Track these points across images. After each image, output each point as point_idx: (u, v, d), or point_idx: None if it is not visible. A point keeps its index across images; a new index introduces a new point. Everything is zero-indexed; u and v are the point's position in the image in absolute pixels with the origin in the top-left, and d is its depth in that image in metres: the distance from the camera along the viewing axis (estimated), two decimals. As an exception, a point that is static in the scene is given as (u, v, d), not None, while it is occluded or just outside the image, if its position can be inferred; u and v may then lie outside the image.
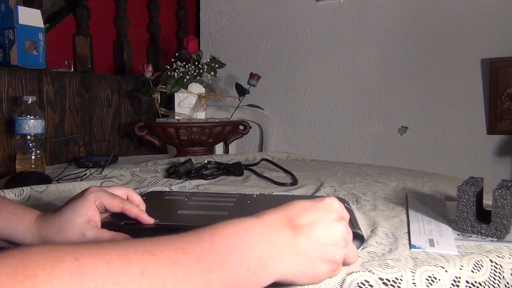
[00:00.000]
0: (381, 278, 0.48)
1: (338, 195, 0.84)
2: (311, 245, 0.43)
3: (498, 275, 0.52)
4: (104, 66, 1.95)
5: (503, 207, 0.58)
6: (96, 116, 1.70)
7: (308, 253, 0.42)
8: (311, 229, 0.43)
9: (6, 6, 1.41)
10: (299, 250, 0.42)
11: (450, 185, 0.95)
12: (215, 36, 2.23)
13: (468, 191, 0.60)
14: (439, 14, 1.75)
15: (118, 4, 1.96)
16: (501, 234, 0.59)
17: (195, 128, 1.52)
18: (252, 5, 2.12)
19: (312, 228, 0.43)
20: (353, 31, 1.92)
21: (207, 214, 0.64)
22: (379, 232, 0.61)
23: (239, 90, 1.70)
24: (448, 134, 1.76)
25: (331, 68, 1.97)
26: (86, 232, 0.53)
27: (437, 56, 1.76)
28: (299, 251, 0.42)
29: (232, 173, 1.09)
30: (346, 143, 1.96)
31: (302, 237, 0.42)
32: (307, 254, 0.42)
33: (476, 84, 1.70)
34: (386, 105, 1.87)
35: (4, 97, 1.37)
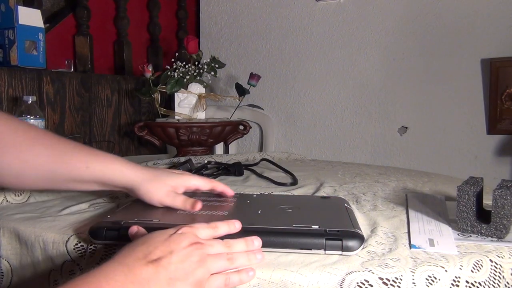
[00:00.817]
0: (381, 277, 0.48)
1: (338, 195, 0.84)
2: (172, 274, 0.45)
3: (498, 275, 0.52)
4: (104, 66, 1.95)
5: (503, 207, 0.58)
6: (96, 116, 1.70)
7: (172, 282, 0.45)
8: (168, 260, 0.46)
9: (6, 6, 1.41)
10: (163, 282, 0.45)
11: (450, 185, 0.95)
12: (215, 36, 2.23)
13: (468, 191, 0.60)
14: (439, 14, 1.75)
15: (118, 4, 1.96)
16: (501, 234, 0.59)
17: (195, 128, 1.52)
18: (252, 5, 2.12)
19: (169, 259, 0.46)
20: (353, 31, 1.92)
21: (207, 214, 0.64)
22: (379, 232, 0.61)
23: (239, 90, 1.70)
24: (448, 134, 1.76)
25: (331, 68, 1.97)
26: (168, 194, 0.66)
27: (437, 56, 1.76)
28: (163, 282, 0.45)
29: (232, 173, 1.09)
30: (346, 143, 1.96)
31: (162, 269, 0.45)
32: (172, 284, 0.45)
33: (476, 84, 1.70)
34: (386, 105, 1.87)
35: (4, 97, 1.37)
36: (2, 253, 0.65)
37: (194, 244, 0.48)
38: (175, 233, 0.49)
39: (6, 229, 0.66)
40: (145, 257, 0.45)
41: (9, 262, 0.65)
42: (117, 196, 0.82)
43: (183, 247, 0.48)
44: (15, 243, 0.65)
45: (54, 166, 0.62)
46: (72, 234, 0.61)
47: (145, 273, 0.44)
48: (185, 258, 0.47)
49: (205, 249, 0.49)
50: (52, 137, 0.64)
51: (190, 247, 0.48)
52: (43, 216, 0.70)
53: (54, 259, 0.61)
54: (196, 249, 0.48)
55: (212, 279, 0.48)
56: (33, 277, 0.63)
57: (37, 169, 0.61)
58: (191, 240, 0.49)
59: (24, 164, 0.61)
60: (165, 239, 0.48)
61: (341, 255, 0.53)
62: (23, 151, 0.60)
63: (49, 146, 0.62)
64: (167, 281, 0.45)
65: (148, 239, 0.48)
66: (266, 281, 0.49)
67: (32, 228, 0.64)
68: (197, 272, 0.47)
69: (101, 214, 0.71)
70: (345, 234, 0.54)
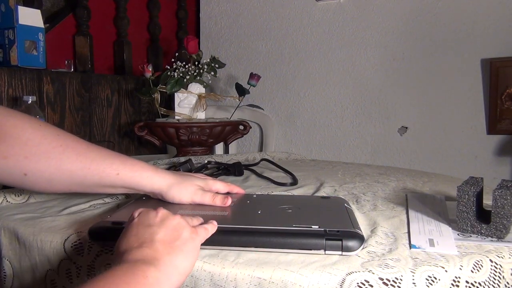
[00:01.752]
0: (381, 278, 0.48)
1: (338, 195, 0.84)
2: (161, 248, 0.48)
3: (498, 275, 0.52)
4: (104, 66, 1.95)
5: (503, 207, 0.58)
6: (96, 116, 1.70)
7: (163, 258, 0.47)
8: (150, 238, 0.48)
9: (6, 6, 1.41)
10: (166, 267, 0.46)
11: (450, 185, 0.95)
12: (215, 36, 2.23)
13: (468, 191, 0.60)
14: (439, 14, 1.75)
15: (118, 4, 1.96)
16: (501, 234, 0.59)
17: (195, 128, 1.52)
18: (252, 5, 2.12)
19: (144, 237, 0.49)
20: (353, 31, 1.92)
21: (207, 214, 0.64)
22: (379, 232, 0.61)
23: (239, 90, 1.70)
24: (448, 134, 1.76)
25: (331, 68, 1.97)
26: (197, 192, 0.69)
27: (437, 56, 1.76)
28: (165, 267, 0.46)
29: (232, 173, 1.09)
30: (346, 143, 1.96)
31: (149, 251, 0.47)
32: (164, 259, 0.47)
33: (476, 84, 1.70)
34: (386, 105, 1.87)
35: (4, 97, 1.37)
36: (4, 253, 0.65)
37: (159, 210, 0.53)
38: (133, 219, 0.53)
39: (6, 229, 0.66)
40: (128, 255, 0.47)
41: (11, 263, 0.65)
42: (117, 196, 0.82)
43: (143, 221, 0.51)
44: (15, 243, 0.65)
45: (86, 173, 0.64)
46: (72, 234, 0.61)
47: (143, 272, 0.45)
48: (147, 222, 0.51)
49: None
50: (82, 143, 0.66)
51: (146, 213, 0.53)
52: (43, 216, 0.70)
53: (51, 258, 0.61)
54: (149, 213, 0.53)
55: (198, 230, 0.53)
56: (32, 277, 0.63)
57: (69, 175, 0.63)
58: (146, 212, 0.53)
59: (56, 171, 0.62)
60: (129, 228, 0.51)
61: (341, 255, 0.53)
62: (55, 158, 0.62)
63: (81, 153, 0.64)
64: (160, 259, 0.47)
65: (120, 241, 0.50)
66: (266, 281, 0.49)
67: (32, 228, 0.64)
68: (182, 233, 0.51)
69: (101, 214, 0.71)
70: (345, 234, 0.54)
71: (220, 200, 0.69)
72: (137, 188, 0.68)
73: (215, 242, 0.55)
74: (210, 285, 0.51)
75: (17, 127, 0.60)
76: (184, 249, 0.49)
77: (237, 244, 0.54)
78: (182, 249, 0.49)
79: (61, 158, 0.62)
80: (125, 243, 0.49)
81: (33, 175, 0.61)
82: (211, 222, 0.57)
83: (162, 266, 0.46)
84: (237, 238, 0.55)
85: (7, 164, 0.59)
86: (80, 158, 0.63)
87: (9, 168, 0.60)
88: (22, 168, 0.60)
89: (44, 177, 0.62)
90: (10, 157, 0.59)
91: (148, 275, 0.44)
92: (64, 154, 0.62)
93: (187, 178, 0.72)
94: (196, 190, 0.70)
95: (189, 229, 0.51)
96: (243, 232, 0.55)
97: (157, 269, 0.45)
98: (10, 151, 0.59)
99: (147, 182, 0.68)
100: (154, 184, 0.68)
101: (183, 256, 0.48)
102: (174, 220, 0.51)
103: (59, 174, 0.62)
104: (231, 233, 0.55)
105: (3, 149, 0.59)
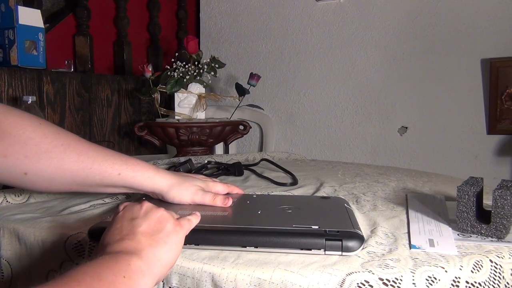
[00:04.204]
0: (381, 278, 0.48)
1: (338, 195, 0.84)
2: (144, 240, 0.47)
3: (498, 275, 0.52)
4: (104, 66, 1.95)
5: (503, 207, 0.58)
6: (96, 116, 1.70)
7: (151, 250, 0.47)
8: (132, 231, 0.48)
9: (6, 6, 1.41)
10: (148, 258, 0.46)
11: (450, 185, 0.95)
12: (215, 36, 2.23)
13: (468, 191, 0.60)
14: (439, 14, 1.75)
15: (118, 4, 1.96)
16: (501, 234, 0.59)
17: (195, 128, 1.52)
18: (252, 5, 2.12)
19: (127, 230, 0.49)
20: (353, 31, 1.92)
21: (207, 214, 0.64)
22: (379, 232, 0.61)
23: (239, 90, 1.70)
24: (448, 134, 1.76)
25: (331, 68, 1.97)
26: (197, 192, 0.69)
27: (437, 56, 1.76)
28: (148, 258, 0.46)
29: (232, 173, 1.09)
30: (346, 143, 1.96)
31: (131, 243, 0.47)
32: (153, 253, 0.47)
33: (476, 84, 1.70)
34: (386, 105, 1.87)
35: (4, 97, 1.37)
36: (3, 254, 0.65)
37: (143, 203, 0.53)
38: (118, 213, 0.53)
39: (6, 229, 0.66)
40: (111, 250, 0.47)
41: (9, 263, 0.65)
42: (117, 196, 0.82)
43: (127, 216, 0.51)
44: (15, 243, 0.65)
45: (87, 172, 0.63)
46: (72, 234, 0.61)
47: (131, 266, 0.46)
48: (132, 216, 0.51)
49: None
50: (83, 142, 0.65)
51: (130, 208, 0.52)
52: (43, 216, 0.70)
53: (52, 259, 0.61)
54: (134, 207, 0.52)
55: (182, 222, 0.53)
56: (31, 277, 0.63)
57: (70, 175, 0.63)
58: (130, 207, 0.53)
59: (57, 170, 0.62)
60: (113, 223, 0.51)
61: (341, 255, 0.53)
62: (56, 158, 0.61)
63: (82, 152, 0.63)
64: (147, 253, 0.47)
65: (105, 234, 0.50)
66: (266, 281, 0.49)
67: (32, 228, 0.64)
68: (146, 223, 0.50)
69: (101, 214, 0.71)
70: (345, 235, 0.54)
71: (220, 201, 0.69)
72: (138, 188, 0.68)
73: (216, 241, 0.55)
74: (212, 285, 0.51)
75: (17, 125, 0.60)
76: (167, 241, 0.49)
77: (238, 244, 0.54)
78: (166, 241, 0.49)
79: (62, 157, 0.62)
80: (109, 236, 0.49)
81: (34, 174, 0.61)
82: (194, 213, 0.57)
83: (144, 256, 0.46)
84: (237, 238, 0.54)
85: (7, 163, 0.59)
86: (82, 157, 0.63)
87: (9, 167, 0.59)
88: (22, 167, 0.60)
89: (44, 177, 0.62)
90: (10, 156, 0.59)
91: (131, 263, 0.44)
92: (65, 154, 0.62)
93: (188, 179, 0.72)
94: (196, 190, 0.70)
95: (173, 221, 0.51)
96: (243, 232, 0.55)
97: (139, 259, 0.45)
98: (10, 150, 0.59)
99: (148, 182, 0.68)
100: (155, 185, 0.68)
101: (166, 248, 0.48)
102: (157, 213, 0.51)
103: (60, 174, 0.62)
104: (232, 233, 0.55)
105: (3, 147, 0.59)
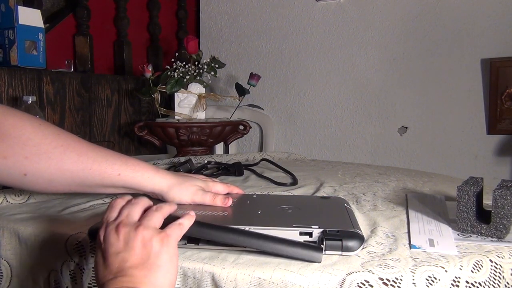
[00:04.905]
0: (381, 278, 0.48)
1: (338, 195, 0.84)
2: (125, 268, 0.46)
3: (498, 275, 0.52)
4: (104, 66, 1.95)
5: (503, 207, 0.58)
6: (96, 116, 1.70)
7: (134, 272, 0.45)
8: (121, 267, 0.46)
9: (6, 6, 1.41)
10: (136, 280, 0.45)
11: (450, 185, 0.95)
12: (215, 36, 2.23)
13: (468, 191, 0.60)
14: (439, 14, 1.75)
15: (118, 4, 1.96)
16: (501, 234, 0.59)
17: (195, 128, 1.52)
18: (252, 5, 2.12)
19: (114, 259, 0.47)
20: (353, 31, 1.92)
21: (207, 214, 0.64)
22: (379, 232, 0.61)
23: (239, 90, 1.70)
24: (448, 134, 1.76)
25: (331, 68, 1.97)
26: (197, 192, 0.69)
27: (437, 56, 1.76)
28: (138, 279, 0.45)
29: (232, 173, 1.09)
30: (346, 143, 1.96)
31: (125, 279, 0.45)
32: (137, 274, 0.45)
33: (476, 84, 1.70)
34: (386, 105, 1.87)
35: (4, 97, 1.37)
36: (2, 254, 0.65)
37: (120, 229, 0.49)
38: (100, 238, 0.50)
39: (6, 229, 0.66)
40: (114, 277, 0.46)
41: (8, 263, 0.65)
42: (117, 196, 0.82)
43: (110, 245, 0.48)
44: (15, 243, 0.65)
45: (87, 173, 0.63)
46: (72, 234, 0.61)
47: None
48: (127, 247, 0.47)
49: (128, 224, 0.49)
50: (83, 143, 0.65)
51: (118, 235, 0.48)
52: (43, 216, 0.70)
53: (54, 259, 0.61)
54: (123, 229, 0.48)
55: (169, 232, 0.50)
56: (32, 277, 0.63)
57: (70, 176, 0.63)
58: (116, 230, 0.49)
59: (57, 171, 0.62)
60: (99, 257, 0.49)
61: (341, 255, 0.53)
62: (55, 158, 0.61)
63: (82, 153, 0.63)
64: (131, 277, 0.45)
65: (97, 267, 0.49)
66: (266, 281, 0.49)
67: (32, 228, 0.64)
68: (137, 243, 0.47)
69: (100, 214, 0.71)
70: (345, 234, 0.54)
71: (221, 201, 0.69)
72: (138, 188, 0.68)
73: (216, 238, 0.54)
74: (212, 285, 0.51)
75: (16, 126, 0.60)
76: (160, 264, 0.47)
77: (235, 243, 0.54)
78: (159, 265, 0.46)
79: (62, 158, 0.62)
80: (101, 276, 0.47)
81: (33, 175, 0.61)
82: (188, 213, 0.54)
83: None
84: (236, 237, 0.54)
85: (7, 164, 0.59)
86: (82, 158, 0.63)
87: (9, 168, 0.59)
88: (22, 168, 0.60)
89: (44, 177, 0.62)
90: (9, 157, 0.59)
91: None
92: (65, 154, 0.62)
93: (188, 179, 0.72)
94: (196, 190, 0.70)
95: (158, 238, 0.48)
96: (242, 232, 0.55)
97: None
98: (10, 151, 0.59)
99: (148, 183, 0.68)
100: (154, 185, 0.68)
101: (162, 271, 0.46)
102: (138, 237, 0.47)
103: (59, 175, 0.62)
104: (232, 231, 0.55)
105: (2, 149, 0.58)
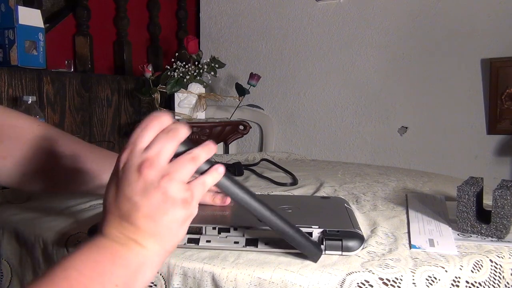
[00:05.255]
0: (381, 278, 0.48)
1: (338, 195, 0.84)
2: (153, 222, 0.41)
3: (498, 275, 0.52)
4: (104, 66, 1.95)
5: (503, 207, 0.58)
6: (96, 116, 1.70)
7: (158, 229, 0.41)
8: (130, 213, 0.41)
9: (6, 6, 1.41)
10: (150, 248, 0.42)
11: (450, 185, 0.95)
12: (215, 36, 2.23)
13: (468, 191, 0.60)
14: (439, 14, 1.75)
15: (118, 4, 1.96)
16: (501, 234, 0.59)
17: (195, 128, 1.52)
18: (252, 5, 2.12)
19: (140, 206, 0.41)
20: (353, 31, 1.92)
21: (207, 214, 0.63)
22: (379, 232, 0.61)
23: (239, 90, 1.70)
24: (448, 134, 1.76)
25: (331, 68, 1.97)
26: None
27: (437, 56, 1.76)
28: (150, 248, 0.42)
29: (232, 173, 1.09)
30: (346, 143, 1.96)
31: (131, 228, 0.41)
32: (157, 231, 0.41)
33: (476, 84, 1.70)
34: (386, 105, 1.87)
35: (4, 97, 1.37)
36: (2, 254, 0.65)
37: (143, 170, 0.41)
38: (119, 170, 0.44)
39: (6, 229, 0.66)
40: (125, 221, 0.42)
41: (8, 263, 0.65)
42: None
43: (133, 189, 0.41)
44: (15, 243, 0.65)
45: (86, 174, 0.64)
46: (72, 234, 0.61)
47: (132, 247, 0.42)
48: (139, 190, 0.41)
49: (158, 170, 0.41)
50: (83, 144, 0.66)
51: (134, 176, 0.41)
52: (43, 216, 0.70)
53: (54, 259, 0.61)
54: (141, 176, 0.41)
55: (194, 191, 0.43)
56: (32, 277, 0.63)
57: (88, 180, 0.64)
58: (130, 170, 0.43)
59: (56, 172, 0.63)
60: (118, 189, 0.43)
61: (341, 255, 0.53)
62: (55, 159, 0.62)
63: (81, 154, 0.64)
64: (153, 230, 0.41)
65: (108, 204, 0.44)
66: (266, 281, 0.49)
67: (32, 228, 0.64)
68: (158, 194, 0.40)
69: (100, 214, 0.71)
70: (345, 234, 0.54)
71: (220, 200, 0.69)
72: None
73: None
74: (212, 285, 0.51)
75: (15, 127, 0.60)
76: (173, 227, 0.42)
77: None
78: (171, 227, 0.42)
79: (61, 159, 0.62)
80: (109, 202, 0.43)
81: (32, 175, 0.61)
82: (214, 168, 0.44)
83: (147, 246, 0.41)
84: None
85: (6, 165, 0.59)
86: (81, 159, 0.63)
87: (8, 169, 0.60)
88: (20, 169, 0.60)
89: (43, 178, 0.62)
90: (8, 157, 0.59)
91: (131, 254, 0.41)
92: (64, 155, 0.62)
93: None
94: None
95: (180, 197, 0.41)
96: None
97: (142, 248, 0.41)
98: (9, 152, 0.59)
99: None
100: None
101: (171, 235, 0.42)
102: (160, 189, 0.40)
103: (58, 175, 0.62)
104: None
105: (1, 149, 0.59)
